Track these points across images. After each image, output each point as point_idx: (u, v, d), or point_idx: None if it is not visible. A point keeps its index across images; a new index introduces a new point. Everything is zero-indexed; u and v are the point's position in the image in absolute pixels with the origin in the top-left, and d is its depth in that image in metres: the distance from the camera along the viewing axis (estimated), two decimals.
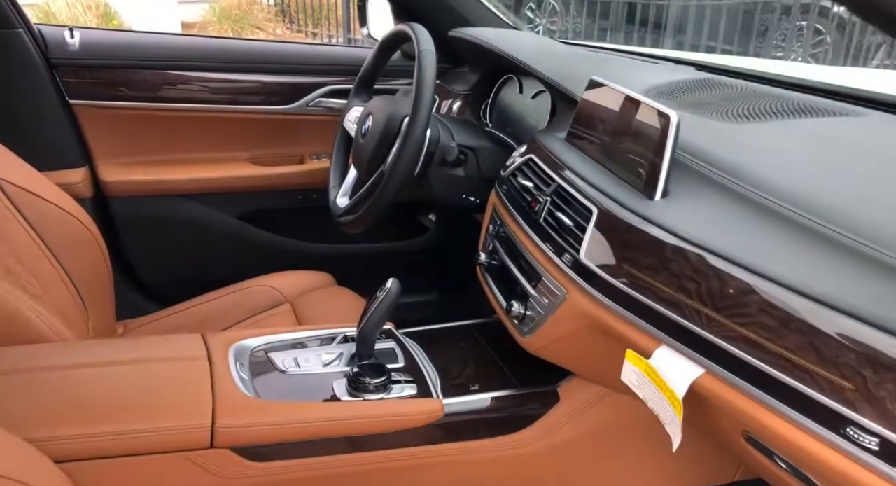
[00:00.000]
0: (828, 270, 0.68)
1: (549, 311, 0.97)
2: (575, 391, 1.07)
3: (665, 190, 0.90)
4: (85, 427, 0.85)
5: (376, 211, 1.26)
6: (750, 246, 0.75)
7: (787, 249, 0.73)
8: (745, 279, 0.72)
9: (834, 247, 0.70)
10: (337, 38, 7.53)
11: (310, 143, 1.81)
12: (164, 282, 1.76)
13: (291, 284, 1.56)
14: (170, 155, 1.71)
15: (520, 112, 1.50)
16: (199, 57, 1.66)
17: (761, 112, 1.04)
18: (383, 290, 1.07)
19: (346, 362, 1.10)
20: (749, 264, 0.72)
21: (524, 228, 1.08)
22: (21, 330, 1.00)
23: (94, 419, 0.86)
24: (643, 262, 0.83)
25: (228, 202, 1.76)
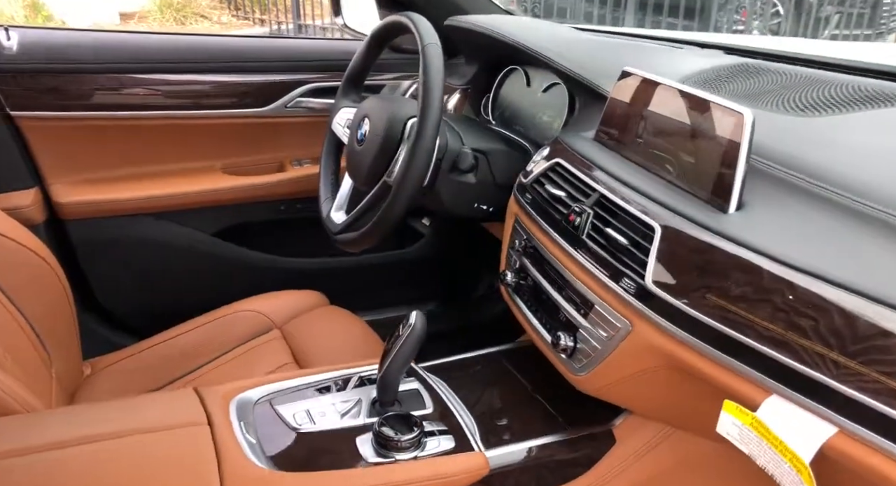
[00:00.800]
0: None
1: (610, 346, 0.84)
2: (633, 431, 0.93)
3: (740, 201, 0.77)
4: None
5: (383, 228, 1.11)
6: (872, 271, 0.62)
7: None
8: (876, 317, 0.59)
9: None
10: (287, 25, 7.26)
11: (290, 147, 1.63)
12: (133, 312, 1.58)
13: (279, 306, 1.40)
14: (132, 169, 1.52)
15: (529, 108, 1.35)
16: (161, 57, 1.47)
17: (829, 102, 0.91)
18: (407, 326, 0.92)
19: (366, 411, 0.95)
20: (879, 296, 0.59)
21: (563, 245, 0.94)
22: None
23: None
24: (734, 291, 0.69)
25: (202, 218, 1.57)
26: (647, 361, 0.80)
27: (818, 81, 0.98)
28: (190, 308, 1.41)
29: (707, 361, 0.71)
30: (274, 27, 7.34)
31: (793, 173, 0.77)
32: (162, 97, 1.48)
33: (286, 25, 7.26)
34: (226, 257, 1.61)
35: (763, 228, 0.72)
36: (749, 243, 0.71)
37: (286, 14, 7.24)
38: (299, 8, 7.09)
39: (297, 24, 7.18)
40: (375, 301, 1.77)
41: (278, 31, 7.28)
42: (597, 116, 1.08)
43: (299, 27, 7.18)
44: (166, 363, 1.30)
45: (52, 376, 1.09)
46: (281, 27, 7.29)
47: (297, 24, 7.18)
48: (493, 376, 1.07)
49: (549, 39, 1.23)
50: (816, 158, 0.78)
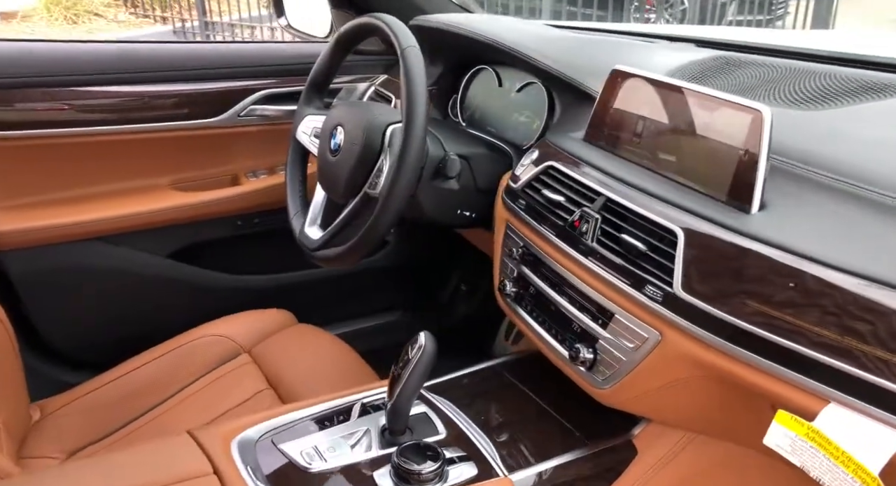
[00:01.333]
0: None
1: (636, 357, 0.81)
2: (654, 440, 0.91)
3: (762, 201, 0.75)
4: None
5: (371, 241, 1.05)
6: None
7: None
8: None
9: None
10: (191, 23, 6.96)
11: (244, 159, 1.54)
12: (83, 347, 1.45)
13: (244, 329, 1.32)
14: (72, 191, 1.39)
15: (502, 109, 1.31)
16: (100, 67, 1.35)
17: (824, 94, 0.91)
18: (416, 347, 0.87)
19: (378, 441, 0.89)
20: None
21: (570, 252, 0.91)
22: None
23: None
24: (777, 297, 0.67)
25: (153, 240, 1.46)
26: (680, 371, 0.77)
27: (803, 73, 0.98)
28: (147, 337, 1.31)
29: (752, 370, 0.69)
30: (178, 25, 7.03)
31: (812, 169, 0.76)
32: (103, 111, 1.37)
33: (191, 23, 6.95)
34: (182, 280, 1.50)
35: (793, 228, 0.71)
36: (784, 245, 0.69)
37: (190, 11, 6.92)
38: (204, 4, 6.79)
39: (202, 21, 6.88)
40: (342, 313, 1.70)
41: (182, 30, 6.97)
42: (583, 116, 1.05)
43: (206, 24, 6.90)
44: (127, 400, 1.20)
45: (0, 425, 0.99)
46: (185, 25, 6.98)
47: (203, 21, 6.88)
48: (499, 391, 1.03)
49: (527, 38, 1.19)
50: (833, 153, 0.78)
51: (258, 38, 6.59)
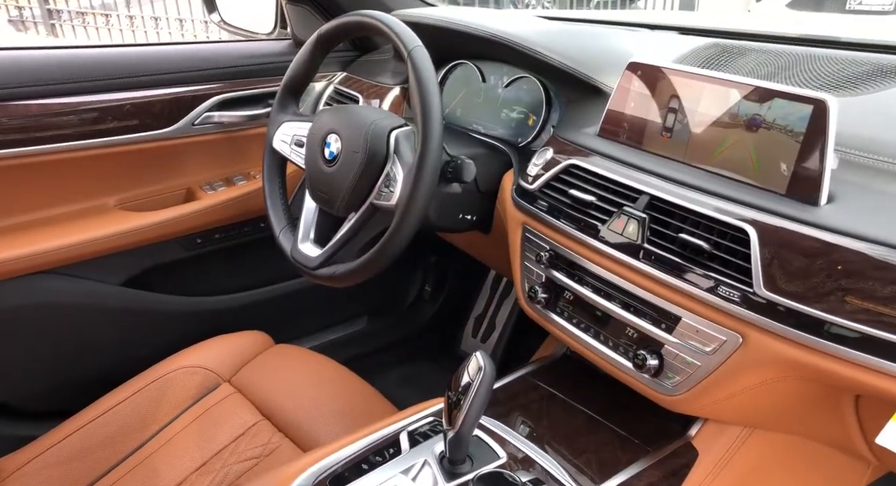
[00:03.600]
0: None
1: (714, 361, 0.78)
2: (713, 439, 0.90)
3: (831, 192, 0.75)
4: None
5: (391, 253, 0.97)
6: None
7: None
8: None
9: None
10: (30, 10, 6.37)
11: (198, 171, 1.40)
12: (39, 395, 1.28)
13: (220, 355, 1.22)
14: (7, 220, 1.22)
15: (489, 105, 1.26)
16: (24, 77, 1.17)
17: (849, 79, 0.92)
18: (475, 369, 0.80)
19: (439, 471, 0.82)
20: None
21: (615, 255, 0.87)
22: None
23: None
24: (880, 292, 0.67)
25: (104, 268, 1.30)
26: (767, 373, 0.76)
27: (809, 58, 0.99)
28: (112, 376, 1.18)
29: (859, 368, 0.68)
30: (14, 14, 6.41)
31: (871, 156, 0.76)
32: (33, 128, 1.19)
33: (28, 10, 6.36)
34: (142, 309, 1.35)
35: (870, 218, 0.70)
36: (874, 238, 0.68)
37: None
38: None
39: (45, 8, 6.31)
40: (313, 326, 1.61)
41: (20, 17, 6.37)
42: (592, 111, 1.02)
43: (49, 13, 6.33)
44: (98, 449, 1.07)
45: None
46: (23, 13, 6.37)
47: (46, 8, 6.31)
48: (540, 403, 0.98)
49: (525, 31, 1.14)
50: (890, 138, 0.78)
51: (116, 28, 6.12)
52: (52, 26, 6.40)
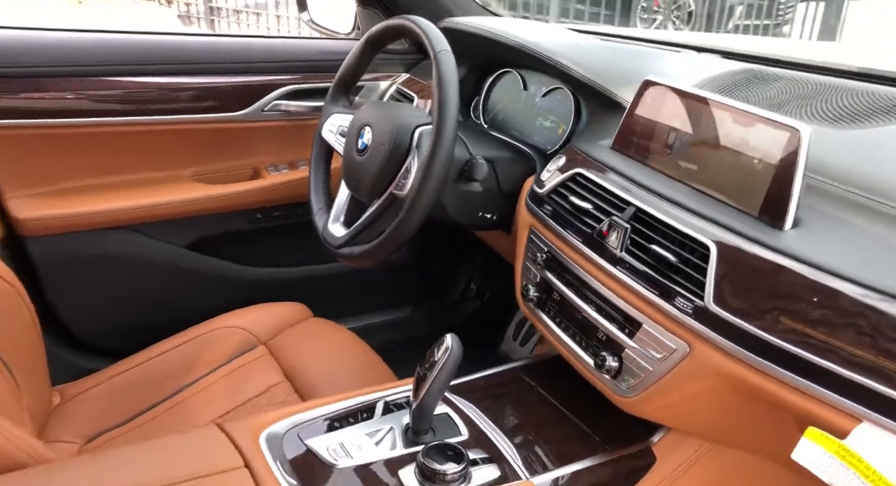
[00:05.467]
0: None
1: (663, 368, 0.82)
2: (673, 448, 0.92)
3: (795, 218, 0.76)
4: None
5: (396, 242, 1.06)
6: None
7: None
8: None
9: None
10: (196, 7, 6.96)
11: (265, 153, 1.54)
12: (103, 334, 1.46)
13: (261, 321, 1.33)
14: (96, 180, 1.40)
15: (527, 113, 1.32)
16: (123, 58, 1.35)
17: (862, 112, 0.92)
18: (442, 350, 0.88)
19: (401, 439, 0.90)
20: None
21: (598, 261, 0.92)
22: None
23: None
24: (812, 315, 0.68)
25: (173, 230, 1.47)
26: (708, 383, 0.78)
27: (833, 89, 0.99)
28: (165, 326, 1.32)
29: (784, 386, 0.70)
30: (182, 9, 7.02)
31: (847, 188, 0.77)
32: (128, 102, 1.37)
33: (195, 7, 6.94)
34: (201, 271, 1.51)
35: (827, 246, 0.72)
36: (818, 263, 0.70)
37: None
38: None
39: (207, 6, 6.88)
40: (355, 308, 1.72)
41: (187, 13, 6.97)
42: (611, 124, 1.06)
43: (210, 10, 6.89)
44: (144, 387, 1.21)
45: (24, 407, 1.00)
46: (189, 9, 6.97)
47: (209, 6, 6.88)
48: (519, 394, 1.04)
49: (558, 44, 1.20)
50: (870, 172, 0.79)
51: (264, 26, 6.59)
52: (212, 22, 6.98)
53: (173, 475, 0.75)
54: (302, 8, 1.75)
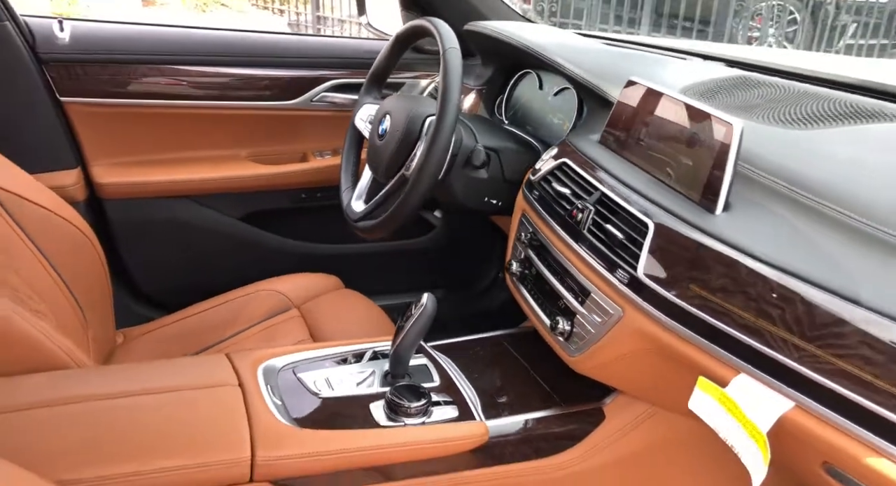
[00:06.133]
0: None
1: (602, 330, 0.93)
2: (621, 409, 1.02)
3: (727, 203, 0.86)
4: (119, 466, 0.78)
5: (400, 217, 1.20)
6: (834, 268, 0.71)
7: (876, 271, 0.69)
8: (835, 307, 0.68)
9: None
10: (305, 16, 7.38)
11: (313, 139, 1.73)
12: (162, 287, 1.68)
13: (298, 287, 1.50)
14: (166, 154, 1.62)
15: (540, 110, 1.44)
16: (197, 50, 1.57)
17: (817, 116, 0.99)
18: (418, 306, 1.02)
19: (379, 381, 1.04)
20: (838, 290, 0.68)
21: (566, 239, 1.03)
22: (32, 353, 0.93)
23: (129, 456, 0.80)
24: (715, 283, 0.78)
25: (229, 203, 1.68)
26: (634, 344, 0.89)
27: (807, 96, 1.06)
28: (215, 285, 1.51)
29: (687, 344, 0.80)
30: (293, 18, 7.46)
31: (775, 180, 0.86)
32: (196, 88, 1.58)
33: (304, 16, 7.37)
34: (249, 240, 1.71)
35: (745, 229, 0.81)
36: (732, 242, 0.79)
37: (305, 5, 7.34)
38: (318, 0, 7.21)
39: (315, 15, 7.29)
40: (387, 287, 1.86)
41: (297, 22, 7.40)
42: (603, 121, 1.16)
43: (318, 19, 7.29)
44: (193, 335, 1.39)
45: (90, 339, 1.19)
46: (300, 18, 7.40)
47: (316, 15, 7.29)
48: (495, 356, 1.16)
49: (560, 46, 1.32)
50: (798, 168, 0.87)
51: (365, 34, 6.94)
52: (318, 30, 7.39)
53: (176, 383, 0.92)
54: (361, 12, 1.93)
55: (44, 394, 0.86)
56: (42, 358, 0.94)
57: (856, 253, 0.71)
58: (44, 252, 1.11)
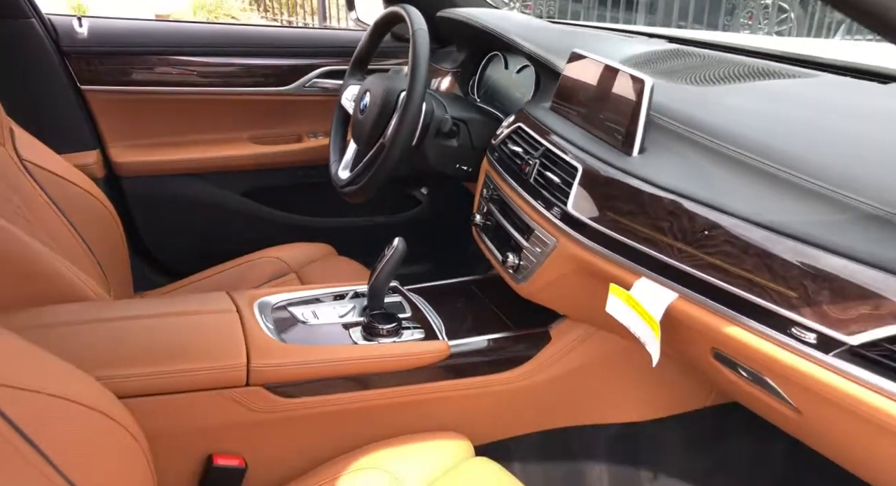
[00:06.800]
0: (777, 203, 0.81)
1: (541, 258, 1.10)
2: (565, 332, 1.19)
3: (642, 147, 1.02)
4: (142, 368, 0.96)
5: (379, 180, 1.37)
6: (714, 189, 0.88)
7: (745, 188, 0.85)
8: (710, 216, 0.84)
9: (783, 184, 0.83)
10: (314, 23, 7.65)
11: (307, 122, 1.91)
12: (174, 256, 1.87)
13: (295, 255, 1.67)
14: (176, 137, 1.81)
15: (506, 86, 1.61)
16: (202, 42, 1.76)
17: (725, 77, 1.16)
18: (391, 248, 1.19)
19: (359, 313, 1.22)
20: (715, 204, 0.85)
21: (516, 189, 1.20)
22: (63, 289, 1.11)
23: (149, 361, 0.97)
24: (624, 209, 0.95)
25: (232, 180, 1.86)
26: (565, 266, 1.06)
27: (723, 63, 1.23)
28: (220, 254, 1.69)
29: (603, 259, 0.97)
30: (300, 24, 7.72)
31: (683, 127, 1.03)
32: (201, 76, 1.77)
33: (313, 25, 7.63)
34: (251, 214, 1.89)
35: (653, 166, 0.98)
36: (640, 175, 0.96)
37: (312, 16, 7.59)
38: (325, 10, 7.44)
39: (322, 25, 7.53)
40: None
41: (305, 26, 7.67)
42: (554, 90, 1.34)
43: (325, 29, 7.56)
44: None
45: (111, 297, 1.38)
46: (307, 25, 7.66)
47: (324, 25, 7.53)
48: (461, 295, 1.33)
49: (519, 27, 1.49)
50: (701, 116, 1.04)
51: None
52: None
53: (185, 309, 1.10)
54: (351, 8, 2.11)
55: (80, 315, 1.04)
56: (71, 294, 1.12)
57: (732, 176, 0.88)
58: (70, 220, 1.29)
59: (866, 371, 0.68)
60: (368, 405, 1.10)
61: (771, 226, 0.78)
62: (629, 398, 1.23)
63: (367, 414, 1.10)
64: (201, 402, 0.99)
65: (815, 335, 0.71)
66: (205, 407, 1.00)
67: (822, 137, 0.91)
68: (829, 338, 0.70)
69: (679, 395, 1.24)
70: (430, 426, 1.13)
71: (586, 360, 1.18)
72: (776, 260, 0.76)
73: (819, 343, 0.71)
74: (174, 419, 0.98)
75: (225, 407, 1.01)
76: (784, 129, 0.95)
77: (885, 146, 0.86)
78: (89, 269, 1.30)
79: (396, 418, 1.12)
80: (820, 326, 0.71)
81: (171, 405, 0.97)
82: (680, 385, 1.22)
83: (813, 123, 0.96)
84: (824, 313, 0.71)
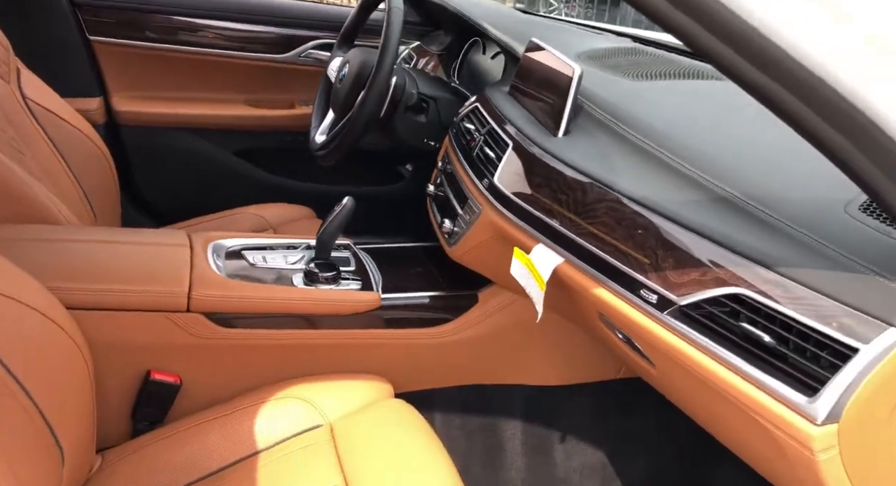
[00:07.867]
0: (656, 183, 0.90)
1: (469, 225, 1.20)
2: (491, 297, 1.29)
3: (566, 129, 1.12)
4: (91, 283, 1.08)
5: (345, 146, 1.48)
6: (611, 169, 0.97)
7: (636, 170, 0.95)
8: (599, 192, 0.94)
9: (667, 169, 0.92)
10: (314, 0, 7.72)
11: (299, 90, 2.02)
12: (164, 202, 2.00)
13: (276, 214, 1.79)
14: (176, 92, 1.93)
15: (481, 70, 1.71)
16: (209, 6, 1.88)
17: (660, 75, 1.25)
18: (340, 206, 1.30)
19: (305, 262, 1.32)
20: (605, 181, 0.94)
21: (462, 162, 1.30)
22: (35, 212, 1.22)
23: (99, 278, 1.09)
24: (535, 181, 1.05)
25: (225, 138, 1.98)
26: (487, 233, 1.16)
27: (665, 62, 1.32)
28: (207, 206, 1.81)
29: (513, 226, 1.07)
30: None
31: (604, 115, 1.12)
32: (206, 38, 1.89)
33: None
34: (239, 171, 2.01)
35: (571, 147, 1.07)
36: (556, 154, 1.06)
37: None
38: None
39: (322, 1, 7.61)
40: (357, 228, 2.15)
41: None
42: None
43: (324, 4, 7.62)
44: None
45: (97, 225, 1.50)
46: None
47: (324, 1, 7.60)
48: (406, 257, 1.44)
49: (491, 15, 1.59)
50: (622, 107, 1.13)
51: None
52: None
53: (141, 240, 1.21)
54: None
55: (44, 235, 1.17)
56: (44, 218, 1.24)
57: (630, 160, 0.98)
58: (65, 158, 1.42)
59: (690, 329, 0.77)
60: (300, 343, 1.21)
61: (643, 202, 0.87)
62: (545, 364, 1.33)
63: (297, 351, 1.21)
64: (144, 321, 1.11)
65: (656, 297, 0.81)
66: (147, 327, 1.11)
67: (712, 132, 1.00)
68: (665, 299, 0.80)
69: (591, 366, 1.33)
70: (357, 369, 1.24)
71: (507, 324, 1.28)
72: (639, 231, 0.86)
73: (658, 303, 0.80)
74: (118, 335, 1.10)
75: (166, 329, 1.12)
76: (686, 123, 1.04)
77: (760, 144, 0.95)
78: (76, 204, 1.42)
79: (325, 358, 1.23)
80: (661, 288, 0.80)
81: (116, 320, 1.09)
82: (591, 357, 1.32)
83: (711, 120, 1.05)
84: (666, 278, 0.80)
